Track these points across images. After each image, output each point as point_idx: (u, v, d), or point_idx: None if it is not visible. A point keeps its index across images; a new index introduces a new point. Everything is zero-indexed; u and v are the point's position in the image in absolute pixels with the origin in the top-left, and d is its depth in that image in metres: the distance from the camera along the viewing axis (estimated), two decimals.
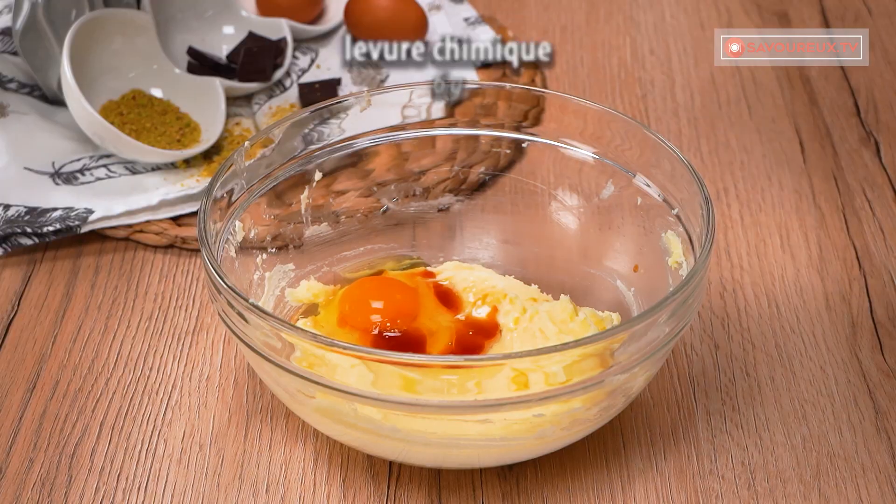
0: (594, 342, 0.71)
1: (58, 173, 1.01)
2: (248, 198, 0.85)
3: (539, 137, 0.89)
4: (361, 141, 0.90)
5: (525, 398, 0.71)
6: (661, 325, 0.73)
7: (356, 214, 0.92)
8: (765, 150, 1.06)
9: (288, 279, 0.88)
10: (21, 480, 0.79)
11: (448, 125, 0.92)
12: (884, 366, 0.86)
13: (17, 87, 1.08)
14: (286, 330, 0.72)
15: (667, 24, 1.22)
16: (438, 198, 0.94)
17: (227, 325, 0.76)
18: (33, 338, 0.89)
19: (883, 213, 0.99)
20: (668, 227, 0.83)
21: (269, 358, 0.74)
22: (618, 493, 0.78)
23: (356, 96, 0.88)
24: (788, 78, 1.14)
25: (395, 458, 0.78)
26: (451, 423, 0.73)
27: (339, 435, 0.78)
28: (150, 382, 0.86)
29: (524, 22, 1.23)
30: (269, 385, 0.79)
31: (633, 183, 0.85)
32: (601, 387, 0.73)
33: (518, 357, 0.73)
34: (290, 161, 0.87)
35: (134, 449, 0.81)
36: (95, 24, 1.03)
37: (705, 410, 0.83)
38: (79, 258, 0.96)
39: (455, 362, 0.73)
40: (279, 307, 0.87)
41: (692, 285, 0.73)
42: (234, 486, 0.79)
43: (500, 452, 0.76)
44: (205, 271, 0.77)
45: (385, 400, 0.72)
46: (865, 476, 0.79)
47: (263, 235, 0.87)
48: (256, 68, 1.09)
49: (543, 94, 0.89)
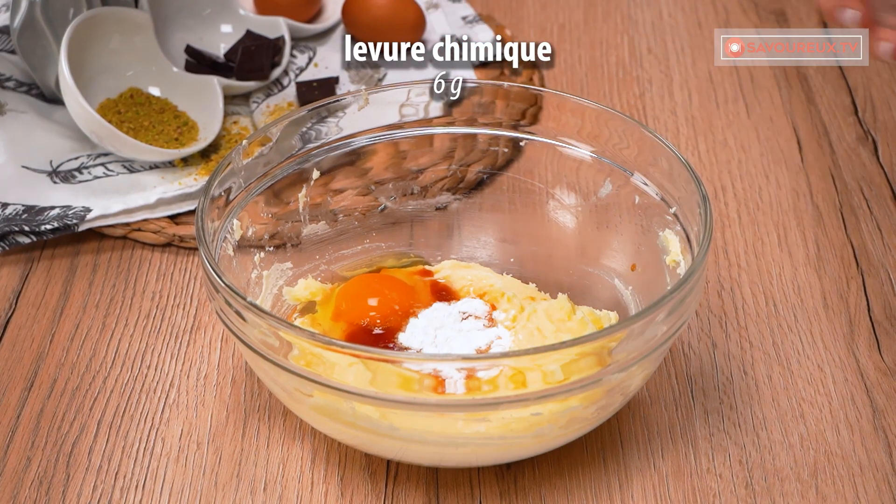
0: (592, 341, 0.71)
1: (56, 172, 1.01)
2: (246, 196, 0.85)
3: (537, 136, 0.89)
4: (359, 139, 0.90)
5: (523, 397, 0.71)
6: (659, 324, 0.73)
7: (354, 213, 0.92)
8: (762, 148, 1.06)
9: (286, 278, 0.88)
10: (19, 479, 0.79)
11: (446, 124, 0.92)
12: (881, 364, 0.86)
13: (15, 86, 1.08)
14: (284, 328, 0.72)
15: (665, 22, 1.22)
16: (436, 196, 0.94)
17: (225, 323, 0.76)
18: (31, 336, 0.89)
19: (880, 212, 0.99)
20: (665, 226, 0.83)
21: (266, 356, 0.74)
22: (615, 491, 0.78)
23: (354, 95, 0.88)
24: (786, 77, 1.14)
25: (393, 456, 0.78)
26: (449, 422, 0.73)
27: (337, 434, 0.78)
28: (147, 381, 0.86)
29: (522, 20, 1.23)
30: (266, 384, 0.79)
31: (630, 182, 0.85)
32: (599, 385, 0.73)
33: (516, 356, 0.73)
34: (287, 159, 0.87)
35: (132, 447, 0.81)
36: (93, 23, 1.03)
37: (703, 409, 0.83)
38: (76, 256, 0.96)
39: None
40: (277, 306, 0.86)
41: (690, 284, 0.73)
42: (231, 484, 0.79)
43: (498, 451, 0.76)
44: (202, 270, 0.77)
45: (383, 399, 0.72)
46: (863, 474, 0.79)
47: (261, 234, 0.87)
48: (254, 67, 1.09)
49: (541, 92, 0.89)
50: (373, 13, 1.14)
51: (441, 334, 0.82)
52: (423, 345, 0.81)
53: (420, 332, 0.82)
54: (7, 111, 1.05)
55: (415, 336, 0.82)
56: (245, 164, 0.84)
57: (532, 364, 0.72)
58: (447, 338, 0.82)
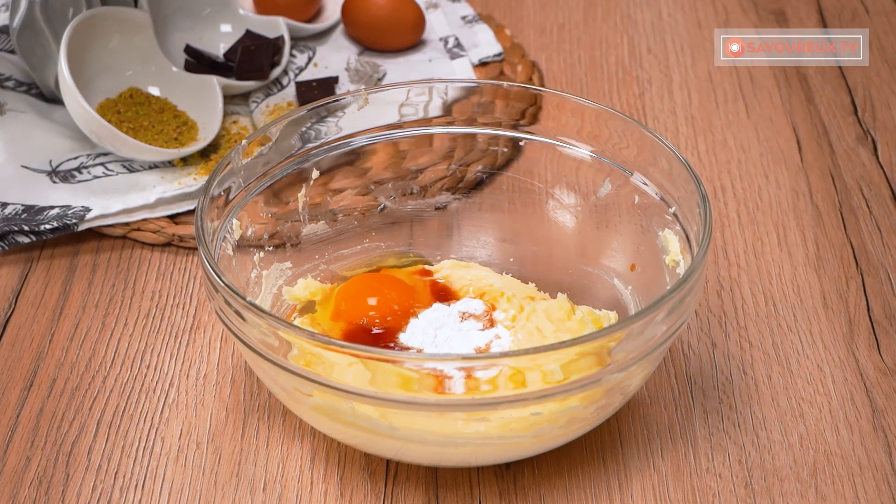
0: (591, 341, 0.71)
1: (55, 171, 1.01)
2: (246, 196, 0.85)
3: (536, 136, 0.89)
4: (359, 139, 0.90)
5: (522, 397, 0.71)
6: (659, 324, 0.73)
7: (353, 213, 0.92)
8: (762, 148, 1.06)
9: (285, 277, 0.88)
10: (18, 479, 0.79)
11: (445, 123, 0.92)
12: (881, 364, 0.86)
13: (15, 86, 1.08)
14: (283, 328, 0.72)
15: (664, 22, 1.23)
16: (436, 196, 0.94)
17: (225, 323, 0.76)
18: (30, 336, 0.89)
19: (880, 212, 0.99)
20: (665, 226, 0.83)
21: (266, 356, 0.74)
22: (615, 491, 0.78)
23: (353, 95, 0.88)
24: (786, 76, 1.14)
25: (393, 456, 0.78)
26: (449, 422, 0.73)
27: (336, 433, 0.78)
28: (147, 380, 0.86)
29: (522, 20, 1.23)
30: (266, 383, 0.79)
31: (630, 181, 0.85)
32: (598, 385, 0.73)
33: (515, 356, 0.73)
34: (287, 159, 0.87)
35: (131, 447, 0.81)
36: (93, 23, 1.03)
37: (702, 409, 0.83)
38: (76, 256, 0.96)
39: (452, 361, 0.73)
40: (276, 305, 0.86)
41: (689, 283, 0.73)
42: (231, 484, 0.79)
43: (497, 451, 0.76)
44: (202, 269, 0.77)
45: (382, 398, 0.72)
46: (862, 474, 0.79)
47: (261, 233, 0.87)
48: (254, 66, 1.09)
49: (541, 92, 0.89)
50: (372, 13, 1.14)
51: (441, 334, 0.82)
52: (423, 345, 0.81)
53: (420, 331, 0.82)
54: (7, 111, 1.05)
55: (415, 336, 0.82)
56: (245, 163, 0.84)
57: (531, 364, 0.72)
58: (447, 338, 0.82)
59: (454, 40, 1.17)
